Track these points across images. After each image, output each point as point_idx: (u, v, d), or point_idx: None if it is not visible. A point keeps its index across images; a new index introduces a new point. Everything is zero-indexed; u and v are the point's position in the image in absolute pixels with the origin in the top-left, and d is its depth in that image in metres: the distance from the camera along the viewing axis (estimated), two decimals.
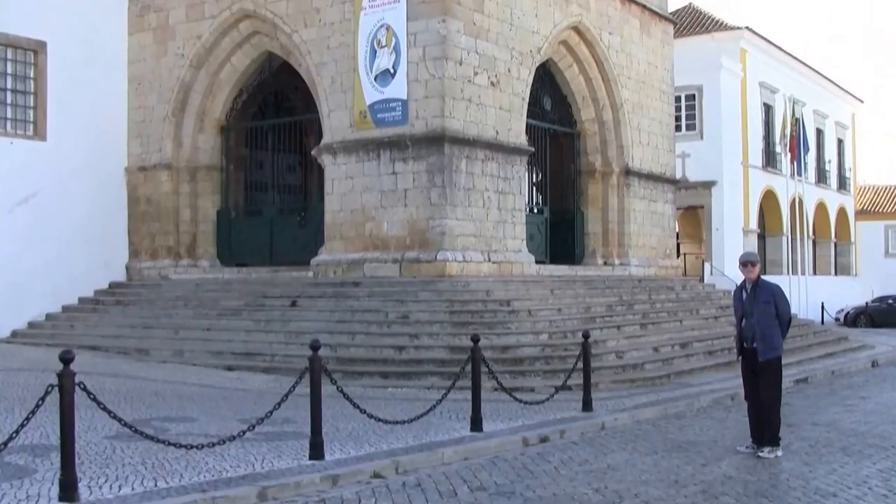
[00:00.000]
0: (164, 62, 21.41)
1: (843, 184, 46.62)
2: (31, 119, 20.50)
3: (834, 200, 45.07)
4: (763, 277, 10.12)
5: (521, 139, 19.51)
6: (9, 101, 20.17)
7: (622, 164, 22.76)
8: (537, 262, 19.91)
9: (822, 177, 43.32)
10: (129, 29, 22.05)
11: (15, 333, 19.58)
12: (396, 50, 17.84)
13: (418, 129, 17.63)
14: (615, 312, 18.91)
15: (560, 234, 22.33)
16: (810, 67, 41.68)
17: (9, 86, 20.15)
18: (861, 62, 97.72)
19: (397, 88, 17.84)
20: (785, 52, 38.68)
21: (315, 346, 8.87)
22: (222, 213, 21.80)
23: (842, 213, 46.11)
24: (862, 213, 48.49)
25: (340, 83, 18.62)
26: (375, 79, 18.08)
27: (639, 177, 23.23)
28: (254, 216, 21.93)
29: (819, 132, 43.18)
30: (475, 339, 10.75)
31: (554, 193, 22.71)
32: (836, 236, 45.63)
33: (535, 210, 21.95)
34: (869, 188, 51.84)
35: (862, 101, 50.07)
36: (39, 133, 20.46)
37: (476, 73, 18.19)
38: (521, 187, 19.51)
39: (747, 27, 34.93)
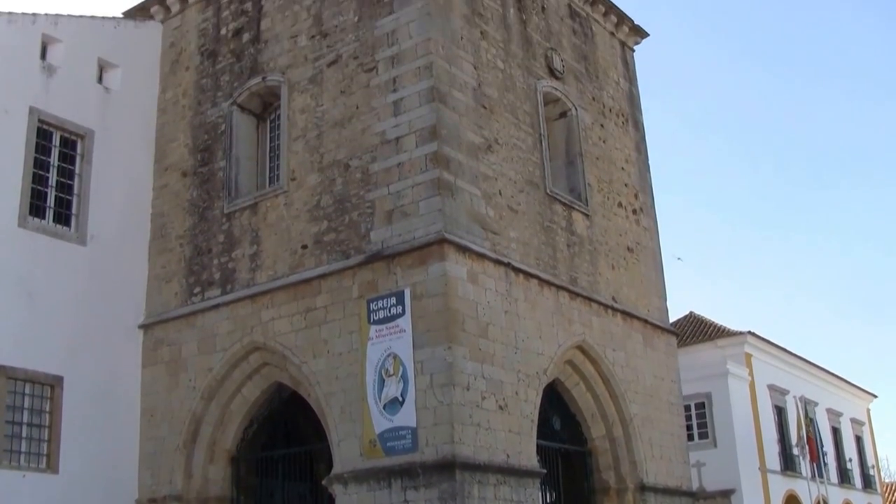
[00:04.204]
0: (176, 394, 21.74)
1: (867, 482, 45.79)
2: (45, 452, 20.49)
3: (860, 500, 44.09)
4: None
5: (533, 461, 19.40)
6: (24, 434, 20.27)
7: (636, 480, 22.46)
8: None
9: (844, 477, 42.63)
10: (143, 362, 22.54)
11: None
12: (404, 378, 18.13)
13: (429, 456, 17.55)
14: None
15: None
16: (818, 366, 42.07)
17: (25, 420, 20.33)
18: (871, 355, 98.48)
19: (406, 416, 17.96)
20: (790, 353, 39.22)
21: None
22: None
23: None
24: None
25: (350, 412, 18.80)
26: (384, 407, 18.24)
27: (655, 492, 22.82)
28: None
29: (835, 431, 42.94)
30: None
31: None
32: None
33: None
34: None
35: (875, 396, 50.11)
36: (52, 466, 20.40)
37: (484, 398, 18.37)
38: None
39: (750, 332, 35.63)
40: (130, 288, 22.83)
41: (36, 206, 21.30)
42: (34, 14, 22.02)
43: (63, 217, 21.89)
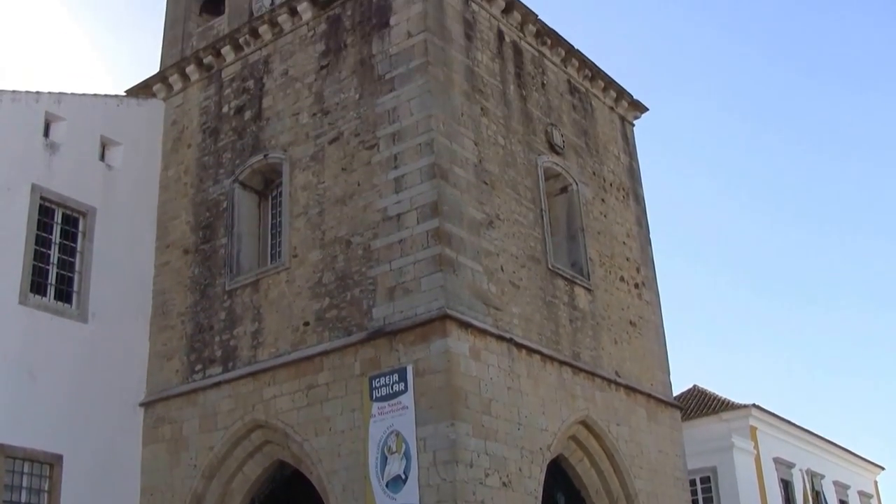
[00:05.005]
0: (176, 473, 21.48)
1: None
2: None
3: None
4: None
5: None
6: None
7: None
8: None
9: None
10: (144, 440, 22.35)
11: None
12: (407, 455, 17.94)
13: None
14: None
15: None
16: (824, 439, 41.61)
17: (23, 499, 20.06)
18: (877, 426, 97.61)
19: (409, 494, 17.71)
20: (796, 425, 38.80)
21: None
22: None
23: None
24: None
25: (352, 490, 18.55)
26: (387, 485, 18.01)
27: None
28: None
29: None
30: None
31: None
32: None
33: None
34: None
35: (883, 468, 49.48)
36: None
37: (487, 475, 18.14)
38: None
39: (755, 404, 35.29)
40: (131, 365, 22.75)
41: (37, 284, 21.31)
42: (37, 92, 22.27)
43: (64, 294, 21.89)
